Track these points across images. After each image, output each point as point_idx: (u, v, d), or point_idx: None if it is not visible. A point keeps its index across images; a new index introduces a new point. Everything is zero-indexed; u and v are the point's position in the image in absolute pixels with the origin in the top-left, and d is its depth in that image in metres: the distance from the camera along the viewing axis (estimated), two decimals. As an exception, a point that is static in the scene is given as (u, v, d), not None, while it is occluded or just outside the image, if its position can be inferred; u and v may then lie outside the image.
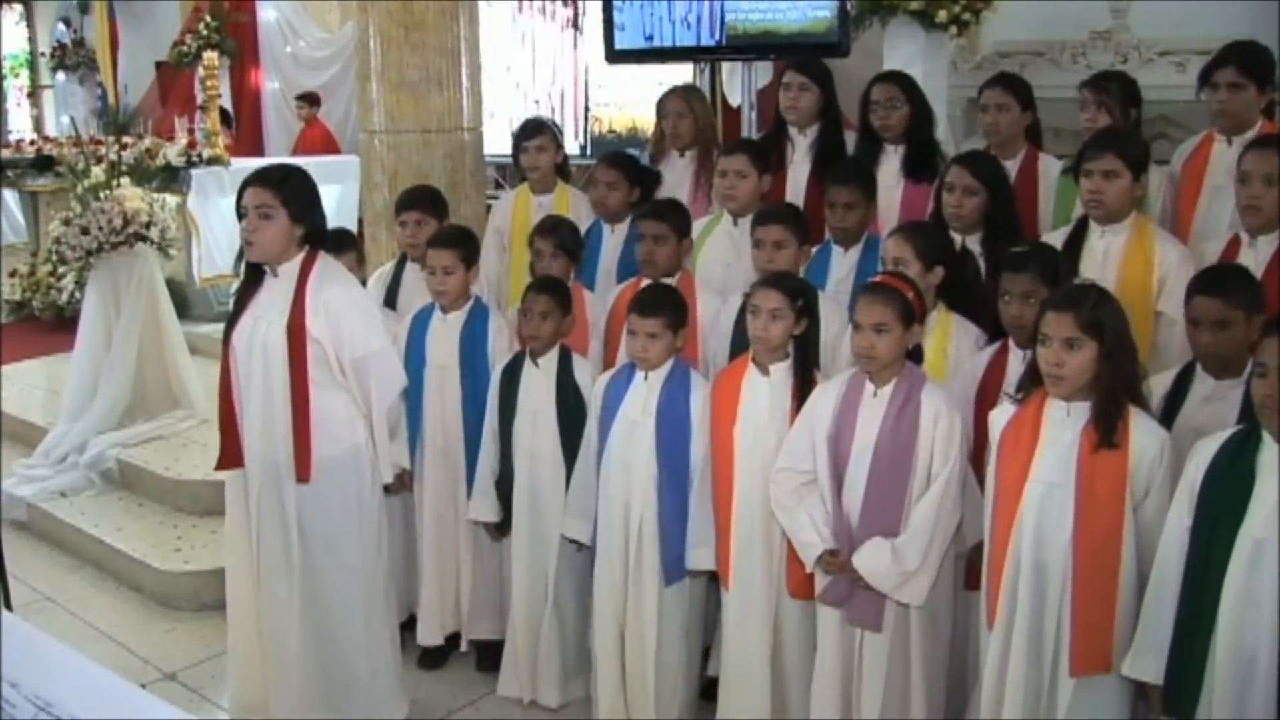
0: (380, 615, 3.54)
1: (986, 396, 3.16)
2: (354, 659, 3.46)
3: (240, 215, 3.32)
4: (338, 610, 3.42)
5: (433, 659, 4.08)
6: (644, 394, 3.44)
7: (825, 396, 3.15)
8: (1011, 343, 3.21)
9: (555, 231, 4.02)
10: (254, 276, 3.39)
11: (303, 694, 3.43)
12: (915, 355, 3.12)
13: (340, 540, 3.39)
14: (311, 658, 3.42)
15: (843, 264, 3.85)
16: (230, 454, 3.43)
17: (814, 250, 3.86)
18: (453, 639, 4.10)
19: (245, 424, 3.38)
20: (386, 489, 3.57)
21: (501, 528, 3.83)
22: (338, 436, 3.35)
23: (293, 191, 3.30)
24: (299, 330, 3.26)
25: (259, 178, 3.33)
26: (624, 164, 4.41)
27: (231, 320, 3.42)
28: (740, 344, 3.61)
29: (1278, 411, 2.42)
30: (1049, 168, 4.15)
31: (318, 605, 3.40)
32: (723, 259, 4.07)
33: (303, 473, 3.30)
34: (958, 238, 3.61)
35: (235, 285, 3.54)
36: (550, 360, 3.72)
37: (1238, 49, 3.76)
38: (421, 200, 4.26)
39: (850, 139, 4.43)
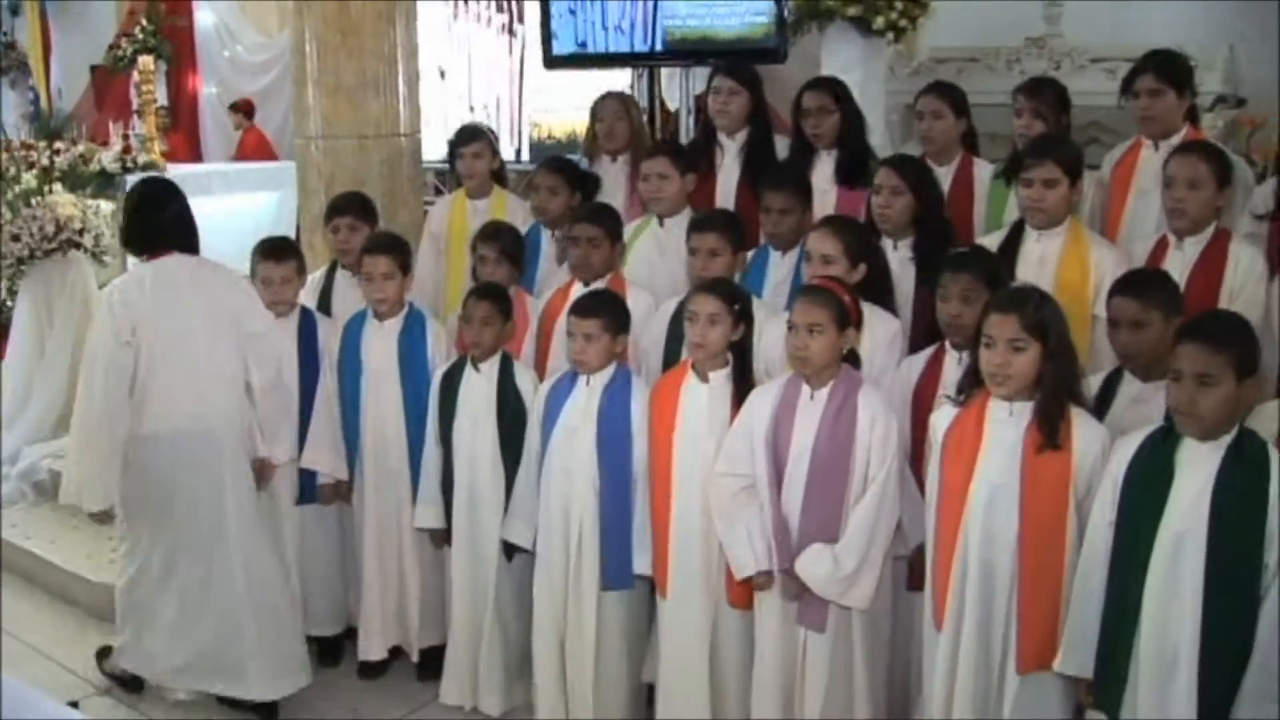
0: None
1: (923, 400, 3.19)
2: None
3: None
4: None
5: (373, 668, 4.04)
6: (585, 400, 3.43)
7: (763, 399, 3.16)
8: (948, 345, 3.23)
9: (498, 237, 4.01)
10: None
11: None
12: (853, 360, 3.15)
13: None
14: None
15: (780, 268, 3.86)
16: None
17: (749, 255, 3.88)
18: (394, 651, 4.06)
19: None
20: (320, 499, 3.54)
21: (445, 535, 3.81)
22: None
23: None
24: None
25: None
26: (565, 169, 4.41)
27: None
28: (674, 350, 3.63)
29: (1190, 416, 2.48)
30: (983, 173, 4.18)
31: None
32: (648, 259, 4.09)
33: None
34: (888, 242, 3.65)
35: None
36: (492, 366, 3.70)
37: (1155, 57, 3.83)
38: (353, 205, 4.25)
39: (781, 143, 4.45)
